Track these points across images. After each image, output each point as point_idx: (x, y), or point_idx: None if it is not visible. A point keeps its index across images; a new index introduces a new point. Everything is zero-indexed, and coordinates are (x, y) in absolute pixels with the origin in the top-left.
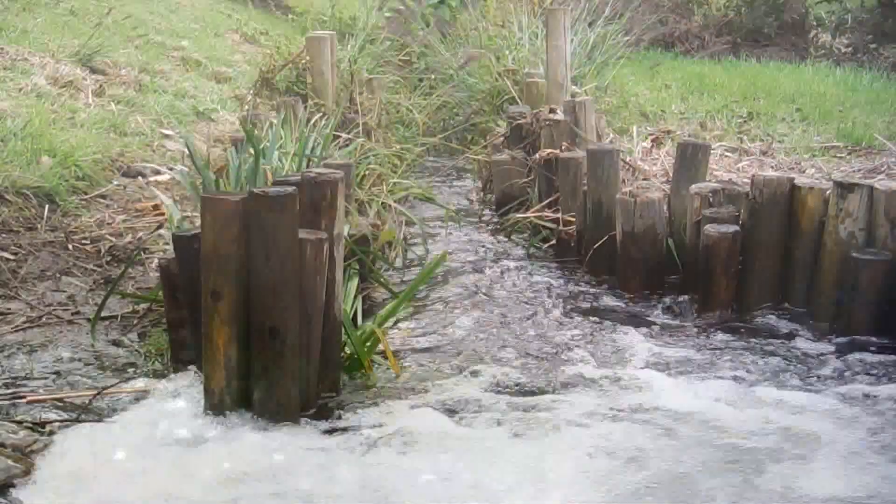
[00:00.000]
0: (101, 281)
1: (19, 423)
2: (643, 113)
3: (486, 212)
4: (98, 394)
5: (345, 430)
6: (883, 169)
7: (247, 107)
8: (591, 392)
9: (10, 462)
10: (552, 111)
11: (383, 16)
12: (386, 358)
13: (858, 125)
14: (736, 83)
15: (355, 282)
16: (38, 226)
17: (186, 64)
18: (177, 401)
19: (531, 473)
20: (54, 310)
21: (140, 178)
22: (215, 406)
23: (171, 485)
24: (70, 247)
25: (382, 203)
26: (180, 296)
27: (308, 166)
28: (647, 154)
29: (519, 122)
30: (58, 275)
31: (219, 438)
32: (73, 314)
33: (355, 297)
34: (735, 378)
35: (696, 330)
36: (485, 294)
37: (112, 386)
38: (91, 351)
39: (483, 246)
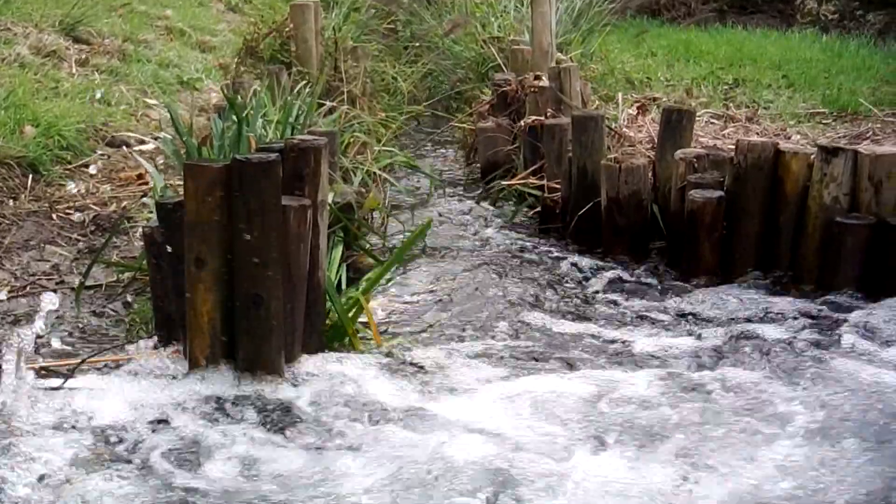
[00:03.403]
0: (86, 250)
1: None
2: (629, 80)
3: (472, 179)
4: (82, 363)
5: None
6: (868, 134)
7: (231, 75)
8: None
9: None
10: (537, 78)
11: None
12: (369, 326)
13: (844, 91)
14: (722, 50)
15: (340, 249)
16: (22, 196)
17: (170, 33)
18: (160, 368)
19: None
20: (38, 279)
21: (124, 147)
22: (198, 373)
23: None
24: (54, 216)
25: (367, 171)
26: (164, 264)
27: (292, 134)
28: (632, 121)
29: (504, 89)
30: (42, 244)
31: (201, 404)
32: (57, 283)
33: (340, 264)
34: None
35: (678, 294)
36: (468, 261)
37: (96, 355)
38: (75, 320)
39: (468, 213)
